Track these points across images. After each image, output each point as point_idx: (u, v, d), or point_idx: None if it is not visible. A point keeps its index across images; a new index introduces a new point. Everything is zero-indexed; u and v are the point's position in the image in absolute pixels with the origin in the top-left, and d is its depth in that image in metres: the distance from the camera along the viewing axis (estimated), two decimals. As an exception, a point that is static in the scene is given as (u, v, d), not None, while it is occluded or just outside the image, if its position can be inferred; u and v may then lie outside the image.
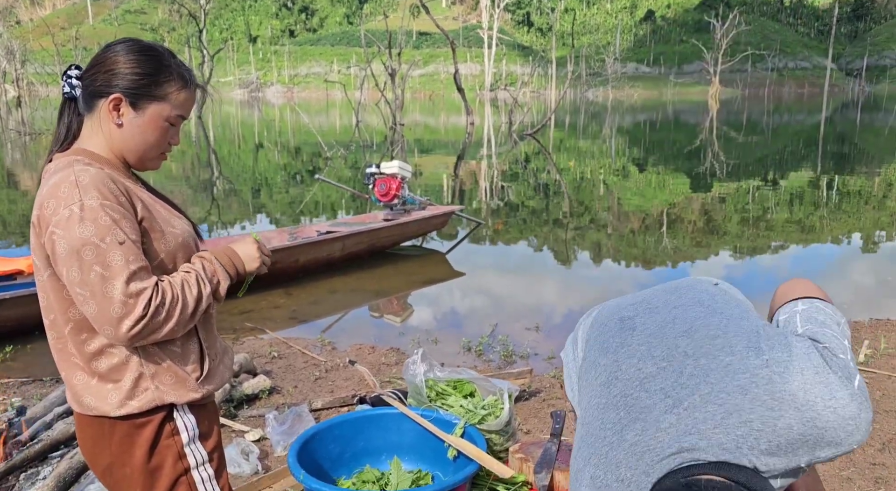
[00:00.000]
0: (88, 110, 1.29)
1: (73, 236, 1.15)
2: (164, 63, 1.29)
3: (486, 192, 11.01)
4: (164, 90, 1.28)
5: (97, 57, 1.29)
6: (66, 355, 1.29)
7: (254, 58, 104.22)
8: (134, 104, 1.26)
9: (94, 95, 1.27)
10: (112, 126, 1.27)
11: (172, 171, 14.01)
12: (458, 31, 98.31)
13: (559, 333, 4.31)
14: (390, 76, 26.76)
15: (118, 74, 1.25)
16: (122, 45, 1.29)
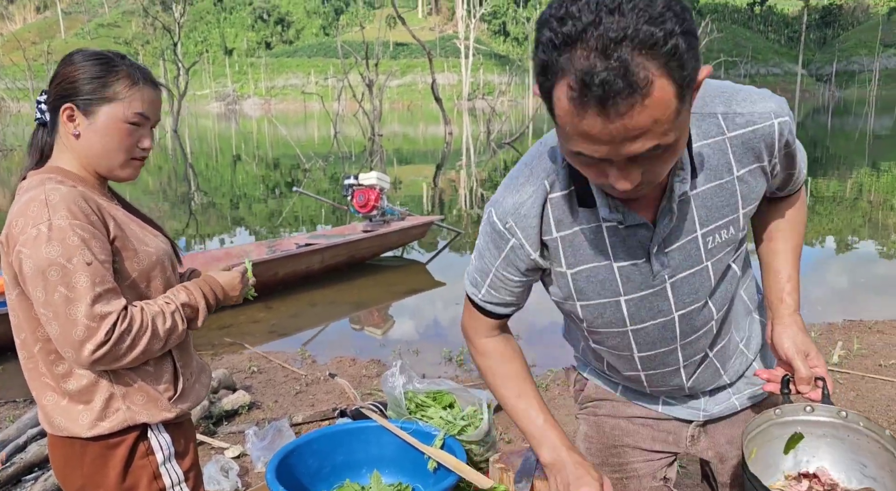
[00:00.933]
0: (53, 128, 1.28)
1: (40, 256, 1.13)
2: (110, 65, 1.26)
3: (465, 201, 11.04)
4: (112, 90, 1.25)
5: (53, 74, 1.28)
6: (36, 375, 1.28)
7: (230, 70, 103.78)
8: (85, 111, 1.24)
9: (53, 111, 1.26)
10: (71, 138, 1.25)
11: (149, 185, 13.86)
12: (435, 41, 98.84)
13: (538, 341, 4.32)
14: (368, 87, 26.80)
15: (67, 84, 1.24)
16: (70, 56, 1.28)
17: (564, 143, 0.86)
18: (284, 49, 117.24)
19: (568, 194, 1.03)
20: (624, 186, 0.86)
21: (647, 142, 0.80)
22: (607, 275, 1.06)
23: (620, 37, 0.72)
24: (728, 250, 1.08)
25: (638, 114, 0.76)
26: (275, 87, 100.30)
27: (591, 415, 1.34)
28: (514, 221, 1.05)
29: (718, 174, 1.02)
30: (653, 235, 1.01)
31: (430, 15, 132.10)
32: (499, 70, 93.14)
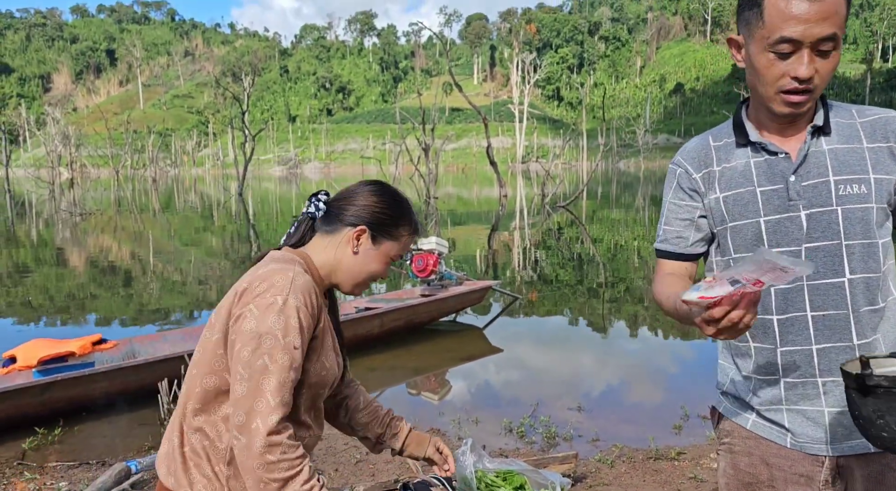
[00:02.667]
0: (328, 231, 1.42)
1: (266, 322, 1.22)
2: (405, 209, 1.46)
3: (519, 264, 11.00)
4: (399, 232, 1.44)
5: (350, 191, 1.45)
6: (178, 413, 1.35)
7: (292, 136, 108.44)
8: (374, 238, 1.41)
9: (341, 222, 1.41)
10: (348, 251, 1.40)
11: (213, 246, 14.38)
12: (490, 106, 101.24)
13: (601, 413, 4.18)
14: (424, 151, 27.49)
15: (367, 210, 1.41)
16: (374, 187, 1.45)
17: (769, 40, 1.17)
18: (345, 115, 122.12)
19: (728, 142, 1.34)
20: (806, 72, 1.16)
21: (830, 27, 1.13)
22: (751, 198, 1.29)
23: None
24: (864, 209, 1.23)
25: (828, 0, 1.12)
26: (334, 152, 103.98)
27: (728, 451, 1.42)
28: (682, 157, 1.40)
29: (850, 140, 1.26)
30: (791, 166, 1.26)
31: (486, 81, 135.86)
32: (552, 134, 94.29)
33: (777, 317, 1.28)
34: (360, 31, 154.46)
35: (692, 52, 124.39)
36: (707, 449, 3.55)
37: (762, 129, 1.30)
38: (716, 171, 1.34)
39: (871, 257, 1.24)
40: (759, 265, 0.98)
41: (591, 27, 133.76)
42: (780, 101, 1.21)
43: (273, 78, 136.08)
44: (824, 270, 1.24)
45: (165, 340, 5.21)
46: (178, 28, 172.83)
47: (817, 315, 1.25)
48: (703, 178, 1.35)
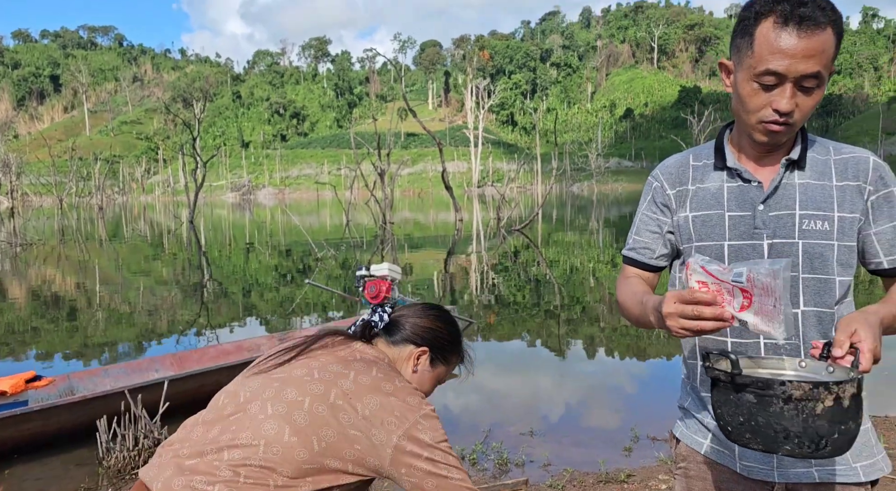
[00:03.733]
0: (391, 341, 1.50)
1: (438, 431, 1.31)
2: (460, 337, 1.57)
3: (476, 288, 11.02)
4: (452, 359, 1.55)
5: (415, 310, 1.55)
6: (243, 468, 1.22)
7: (246, 161, 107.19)
8: (432, 360, 1.51)
9: (407, 339, 1.50)
10: (409, 369, 1.49)
11: (163, 275, 13.99)
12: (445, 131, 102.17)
13: (554, 437, 4.16)
14: (379, 176, 27.48)
15: (433, 333, 1.51)
16: (438, 312, 1.56)
17: (755, 70, 1.20)
18: (299, 141, 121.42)
19: (707, 163, 1.38)
20: (786, 106, 1.19)
21: (815, 65, 1.16)
22: (718, 221, 1.33)
23: (808, 1, 1.16)
24: (824, 245, 1.26)
25: (817, 38, 1.15)
26: (289, 177, 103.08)
27: (683, 476, 1.45)
28: (660, 171, 1.44)
29: (821, 177, 1.30)
30: (761, 195, 1.29)
31: (441, 106, 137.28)
32: (507, 158, 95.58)
33: (731, 339, 1.32)
34: (314, 57, 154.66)
35: (640, 78, 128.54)
36: (656, 470, 3.57)
37: (741, 154, 1.34)
38: (689, 190, 1.38)
39: (825, 292, 1.27)
40: (771, 274, 0.99)
41: (542, 54, 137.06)
42: (760, 130, 1.25)
43: (225, 103, 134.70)
44: None
45: (107, 375, 4.99)
46: (126, 53, 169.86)
47: (769, 342, 1.28)
48: (677, 196, 1.39)
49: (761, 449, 1.03)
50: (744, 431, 1.03)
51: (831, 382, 0.98)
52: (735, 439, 1.05)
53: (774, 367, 1.15)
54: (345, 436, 1.25)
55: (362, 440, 1.26)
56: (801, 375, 1.12)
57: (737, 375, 1.02)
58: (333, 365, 1.35)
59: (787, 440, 0.99)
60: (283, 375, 1.34)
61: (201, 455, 1.24)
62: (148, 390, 4.21)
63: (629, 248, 1.49)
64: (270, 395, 1.30)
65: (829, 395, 0.97)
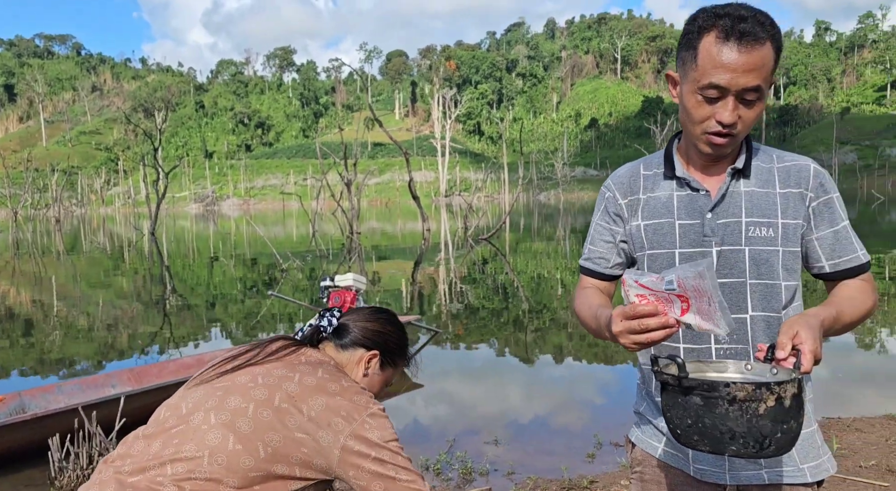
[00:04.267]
0: (340, 345, 1.51)
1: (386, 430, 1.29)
2: (408, 342, 1.61)
3: (444, 297, 11.01)
4: (400, 362, 1.58)
5: (364, 314, 1.55)
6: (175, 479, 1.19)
7: (209, 172, 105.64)
8: (382, 364, 1.53)
9: (357, 343, 1.51)
10: (360, 372, 1.50)
11: (123, 288, 13.66)
12: (412, 140, 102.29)
13: (518, 445, 4.16)
14: (346, 186, 27.34)
15: (383, 337, 1.53)
16: (389, 316, 1.58)
17: (699, 83, 1.23)
18: (264, 151, 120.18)
19: (657, 172, 1.41)
20: (729, 118, 1.22)
21: (755, 79, 1.20)
22: (669, 229, 1.36)
23: (749, 15, 1.20)
24: (769, 252, 1.30)
25: (757, 53, 1.18)
26: (254, 188, 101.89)
27: (639, 480, 1.47)
28: (612, 181, 1.47)
29: (765, 185, 1.34)
30: (709, 204, 1.33)
31: (407, 116, 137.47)
32: (474, 167, 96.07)
33: (684, 345, 1.34)
34: (279, 67, 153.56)
35: (604, 88, 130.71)
36: (619, 476, 3.59)
37: (689, 164, 1.37)
38: (641, 199, 1.41)
39: (772, 297, 1.31)
40: (697, 276, 1.02)
41: (508, 64, 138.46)
42: (704, 141, 1.28)
43: (188, 113, 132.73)
44: (730, 304, 1.30)
45: (60, 392, 4.83)
46: (84, 62, 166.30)
47: (720, 347, 1.31)
48: (629, 205, 1.42)
49: (709, 450, 1.04)
50: (692, 433, 1.04)
51: (772, 383, 1.00)
52: (684, 442, 1.07)
53: (721, 370, 1.17)
54: (291, 439, 1.23)
55: (309, 443, 1.24)
56: (747, 378, 1.14)
57: (684, 379, 1.04)
58: (278, 369, 1.32)
59: (733, 441, 1.01)
60: (227, 383, 1.31)
61: (143, 471, 1.20)
62: (104, 407, 4.09)
63: (585, 258, 1.51)
64: (213, 404, 1.27)
65: (771, 395, 0.99)
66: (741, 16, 1.19)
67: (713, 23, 1.21)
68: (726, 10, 1.21)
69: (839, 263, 1.33)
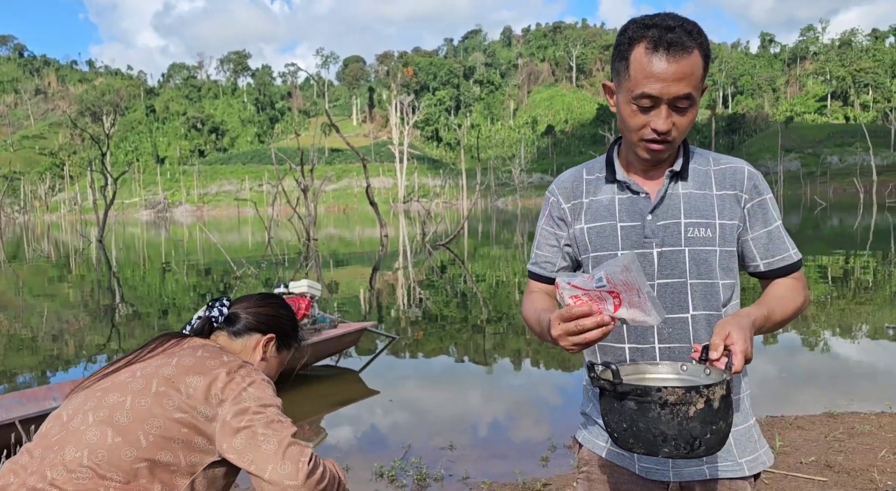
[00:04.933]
0: (234, 333, 1.52)
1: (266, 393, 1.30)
2: (298, 325, 1.64)
3: (403, 302, 10.97)
4: (294, 343, 1.61)
5: (253, 300, 1.57)
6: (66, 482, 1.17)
7: (161, 178, 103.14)
8: (278, 346, 1.56)
9: (252, 328, 1.52)
10: (257, 357, 1.52)
11: (70, 298, 13.19)
12: (370, 146, 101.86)
13: (473, 450, 4.17)
14: (303, 192, 27.03)
15: (277, 320, 1.56)
16: (279, 300, 1.61)
17: (629, 97, 1.27)
18: (218, 156, 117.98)
19: (599, 176, 1.44)
20: (663, 126, 1.25)
21: (686, 87, 1.23)
22: (612, 232, 1.39)
23: (677, 25, 1.23)
24: (707, 251, 1.34)
25: (685, 61, 1.22)
26: (208, 194, 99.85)
27: (586, 479, 1.49)
28: (556, 186, 1.50)
29: (702, 187, 1.38)
30: (649, 206, 1.35)
31: (365, 122, 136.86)
32: (433, 173, 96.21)
33: (629, 345, 1.37)
34: (234, 71, 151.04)
35: (560, 96, 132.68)
36: (571, 478, 3.63)
37: (629, 168, 1.40)
38: (584, 203, 1.43)
39: (712, 296, 1.34)
40: (623, 270, 1.05)
41: (466, 71, 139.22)
42: (642, 147, 1.31)
43: (138, 118, 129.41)
44: (671, 305, 1.34)
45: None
46: (27, 64, 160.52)
47: (664, 347, 1.34)
48: (572, 209, 1.44)
49: (644, 452, 1.07)
50: (627, 437, 1.07)
51: (702, 386, 1.03)
52: (621, 445, 1.09)
53: (657, 372, 1.19)
54: (171, 421, 1.23)
55: (188, 421, 1.24)
56: (683, 379, 1.17)
57: (618, 385, 1.06)
58: (157, 359, 1.33)
59: (665, 443, 1.03)
60: (106, 384, 1.31)
61: (25, 485, 1.18)
62: (43, 420, 3.93)
63: (532, 262, 1.53)
64: (92, 405, 1.26)
65: (700, 398, 1.02)
66: (669, 26, 1.23)
67: (642, 34, 1.24)
68: (655, 21, 1.25)
69: (773, 262, 1.39)
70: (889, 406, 4.43)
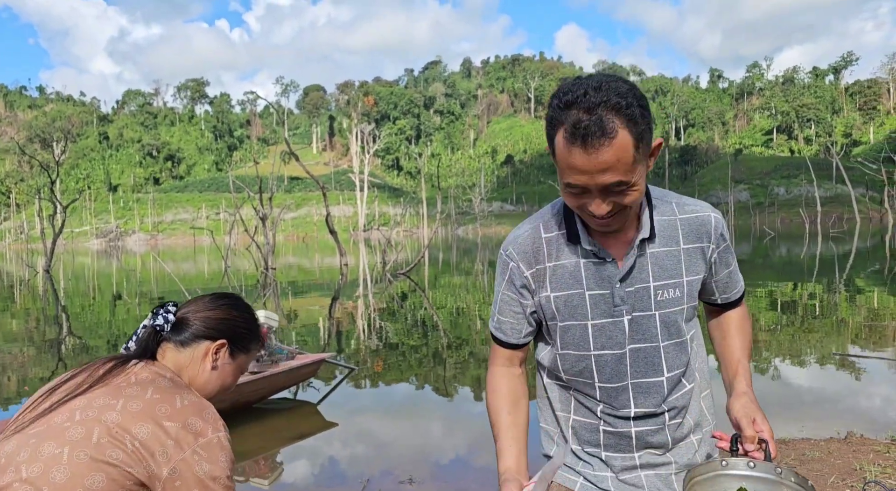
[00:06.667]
0: (181, 343, 1.38)
1: (217, 463, 1.20)
2: (257, 323, 1.50)
3: (363, 333, 10.85)
4: (252, 346, 1.48)
5: (202, 303, 1.43)
6: None
7: (113, 206, 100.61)
8: (232, 352, 1.43)
9: (196, 335, 1.39)
10: (207, 366, 1.39)
11: (13, 330, 12.64)
12: (330, 175, 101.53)
13: (433, 483, 4.11)
14: (261, 220, 26.70)
15: (227, 324, 1.42)
16: (230, 300, 1.47)
17: (560, 180, 1.18)
18: (174, 184, 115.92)
19: (559, 235, 1.33)
20: (599, 211, 1.17)
21: (614, 176, 1.12)
22: (580, 301, 1.31)
23: (599, 102, 1.08)
24: (676, 311, 1.31)
25: (606, 151, 1.09)
26: (162, 222, 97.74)
27: None
28: (514, 250, 1.36)
29: (669, 242, 1.31)
30: (618, 273, 1.29)
31: (325, 150, 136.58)
32: (393, 202, 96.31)
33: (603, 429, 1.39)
34: (191, 99, 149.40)
35: (519, 126, 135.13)
36: (537, 509, 3.60)
37: (590, 229, 1.30)
38: (547, 268, 1.33)
39: (681, 353, 1.36)
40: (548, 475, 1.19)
41: (426, 101, 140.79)
42: (591, 223, 1.24)
43: (91, 144, 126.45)
44: (645, 369, 1.33)
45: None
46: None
47: (640, 430, 1.36)
48: (535, 276, 1.34)
49: None
50: None
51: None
52: None
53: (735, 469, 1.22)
54: (112, 478, 1.12)
55: (133, 476, 1.13)
56: (760, 477, 1.21)
57: None
58: (100, 398, 1.20)
59: None
60: (42, 427, 1.17)
61: None
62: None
63: (496, 327, 1.44)
64: (25, 457, 1.13)
65: None
66: (590, 106, 1.08)
67: (562, 117, 1.12)
68: (576, 97, 1.10)
69: (729, 296, 1.43)
70: (837, 432, 4.55)
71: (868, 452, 3.94)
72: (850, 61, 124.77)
